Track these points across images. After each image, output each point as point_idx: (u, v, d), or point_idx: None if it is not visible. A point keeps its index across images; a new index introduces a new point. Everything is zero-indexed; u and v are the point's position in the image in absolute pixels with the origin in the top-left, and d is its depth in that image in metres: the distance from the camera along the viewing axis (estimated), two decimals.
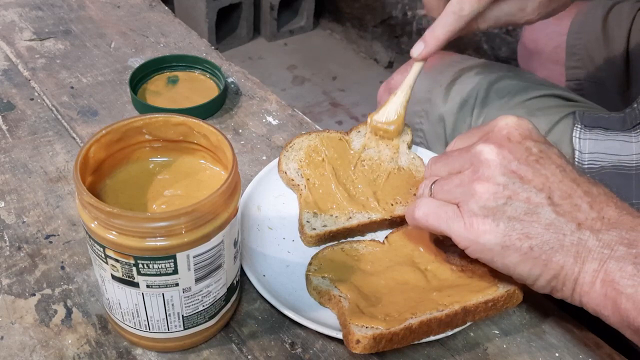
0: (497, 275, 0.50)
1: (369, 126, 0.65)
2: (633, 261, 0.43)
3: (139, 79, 0.76)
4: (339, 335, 0.49)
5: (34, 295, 0.53)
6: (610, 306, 0.44)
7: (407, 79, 0.65)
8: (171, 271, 0.43)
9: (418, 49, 0.62)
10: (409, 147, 0.65)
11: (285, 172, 0.62)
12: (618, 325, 0.45)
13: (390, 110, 0.64)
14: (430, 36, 0.61)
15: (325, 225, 0.57)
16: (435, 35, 0.61)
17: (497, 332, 0.52)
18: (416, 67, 0.64)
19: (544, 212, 0.45)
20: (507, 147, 0.47)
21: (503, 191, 0.46)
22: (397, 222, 0.59)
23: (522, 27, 1.07)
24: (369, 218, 0.58)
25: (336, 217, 0.58)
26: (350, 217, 0.58)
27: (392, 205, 0.59)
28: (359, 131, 0.65)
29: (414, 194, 0.61)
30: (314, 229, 0.57)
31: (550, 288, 0.47)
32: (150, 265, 0.42)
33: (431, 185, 0.51)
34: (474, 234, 0.46)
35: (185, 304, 0.45)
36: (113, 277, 0.44)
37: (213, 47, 0.87)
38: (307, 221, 0.57)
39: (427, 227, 0.50)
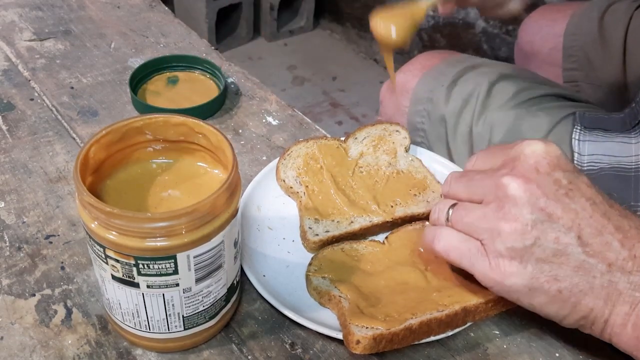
0: None
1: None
2: None
3: (139, 79, 0.76)
4: (339, 336, 0.49)
5: (34, 295, 0.53)
6: None
7: None
8: (171, 271, 0.43)
9: None
10: (407, 150, 0.65)
11: (284, 180, 0.62)
12: None
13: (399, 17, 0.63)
14: None
15: (327, 231, 0.57)
16: None
17: (497, 332, 0.52)
18: None
19: (573, 253, 0.44)
20: (534, 180, 0.45)
21: (531, 231, 0.44)
22: (399, 224, 0.59)
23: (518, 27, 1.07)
24: (370, 221, 0.58)
25: (338, 222, 0.58)
26: (351, 222, 0.58)
27: (392, 207, 0.59)
28: (356, 138, 0.65)
29: (414, 195, 0.61)
30: (317, 234, 0.57)
31: (578, 326, 0.46)
32: (151, 266, 0.42)
33: (448, 209, 0.49)
34: (500, 275, 0.45)
35: (185, 304, 0.45)
36: (113, 277, 0.44)
37: (213, 48, 0.87)
38: (309, 227, 0.57)
39: (447, 260, 0.48)
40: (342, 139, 0.65)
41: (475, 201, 0.47)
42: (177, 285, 0.44)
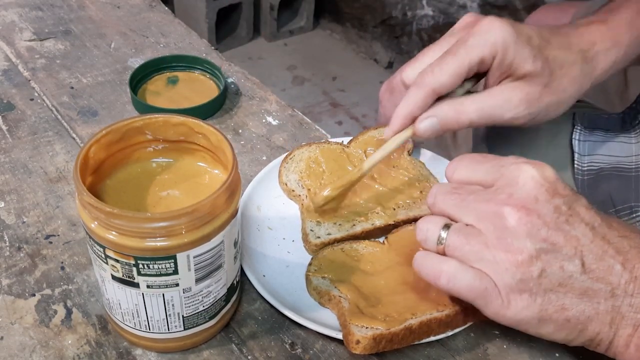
0: None
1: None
2: None
3: (139, 79, 0.76)
4: (339, 336, 0.49)
5: (34, 295, 0.53)
6: None
7: (369, 158, 0.58)
8: (171, 271, 0.43)
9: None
10: (410, 154, 0.65)
11: (286, 184, 0.62)
12: None
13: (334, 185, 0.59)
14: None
15: (329, 234, 0.57)
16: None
17: (497, 332, 0.52)
18: (381, 150, 0.58)
19: (578, 280, 0.44)
20: (535, 211, 0.44)
21: (536, 262, 0.43)
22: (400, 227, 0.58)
23: None
24: (372, 224, 0.58)
25: (340, 224, 0.58)
26: (353, 225, 0.58)
27: (394, 210, 0.59)
28: (358, 141, 0.65)
29: (416, 197, 0.60)
30: (318, 237, 0.56)
31: (583, 346, 0.47)
32: (151, 266, 0.42)
33: (441, 230, 0.46)
34: (512, 311, 0.44)
35: (185, 304, 0.45)
36: (113, 277, 0.44)
37: (213, 48, 0.87)
38: (311, 230, 0.57)
39: (455, 295, 0.46)
40: (345, 142, 0.65)
41: (463, 222, 0.46)
42: (177, 285, 0.44)
